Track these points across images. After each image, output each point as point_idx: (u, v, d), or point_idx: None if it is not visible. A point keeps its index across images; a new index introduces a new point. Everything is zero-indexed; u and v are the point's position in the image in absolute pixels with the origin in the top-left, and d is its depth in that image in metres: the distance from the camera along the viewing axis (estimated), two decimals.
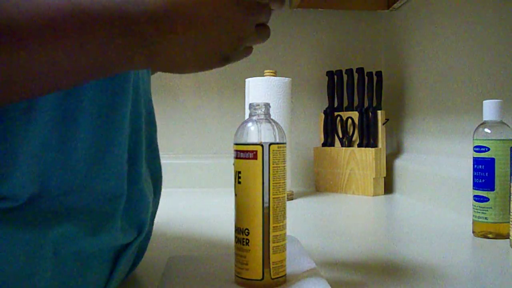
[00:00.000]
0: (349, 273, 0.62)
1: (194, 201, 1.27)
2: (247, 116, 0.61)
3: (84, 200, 0.46)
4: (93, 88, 0.46)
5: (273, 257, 0.51)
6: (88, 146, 0.46)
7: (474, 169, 0.79)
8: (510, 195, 0.72)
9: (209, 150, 1.51)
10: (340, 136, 1.39)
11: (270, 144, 0.51)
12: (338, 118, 1.39)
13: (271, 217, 0.51)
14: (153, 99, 0.60)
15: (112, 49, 0.38)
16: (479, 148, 0.78)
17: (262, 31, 0.48)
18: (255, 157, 0.51)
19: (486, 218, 0.77)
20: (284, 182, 0.53)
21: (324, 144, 1.42)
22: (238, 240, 0.52)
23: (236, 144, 0.53)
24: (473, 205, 0.80)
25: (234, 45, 0.46)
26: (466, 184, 0.89)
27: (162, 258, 0.65)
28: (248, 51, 0.50)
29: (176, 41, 0.41)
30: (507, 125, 0.77)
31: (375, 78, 1.36)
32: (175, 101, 1.51)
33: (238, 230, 0.52)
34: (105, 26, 0.37)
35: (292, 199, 1.25)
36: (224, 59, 0.47)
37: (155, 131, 0.60)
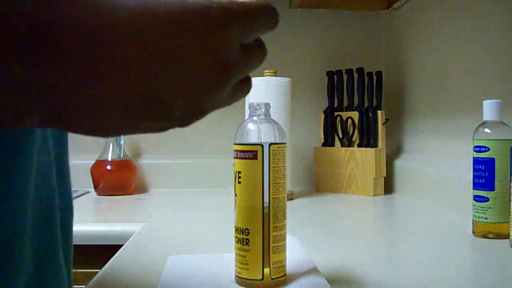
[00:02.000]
0: (349, 273, 0.62)
1: (194, 201, 1.27)
2: (247, 116, 0.61)
3: None
4: None
5: (273, 257, 0.52)
6: None
7: (474, 169, 0.79)
8: (510, 195, 0.72)
9: (208, 150, 1.51)
10: (340, 136, 1.39)
11: (270, 144, 0.51)
12: (338, 118, 1.39)
13: (271, 217, 0.51)
14: None
15: None
16: (479, 148, 0.78)
17: (250, 55, 0.30)
18: (255, 157, 0.51)
19: (486, 218, 0.77)
20: (284, 182, 0.53)
21: (324, 144, 1.42)
22: (238, 240, 0.52)
23: (236, 144, 0.53)
24: (473, 205, 0.80)
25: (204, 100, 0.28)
26: (466, 184, 0.89)
27: (162, 258, 0.65)
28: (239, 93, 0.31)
29: (101, 89, 0.24)
30: (507, 125, 0.77)
31: (375, 78, 1.36)
32: None
33: (238, 230, 0.52)
34: None
35: (292, 199, 1.25)
36: (188, 120, 0.28)
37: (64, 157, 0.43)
